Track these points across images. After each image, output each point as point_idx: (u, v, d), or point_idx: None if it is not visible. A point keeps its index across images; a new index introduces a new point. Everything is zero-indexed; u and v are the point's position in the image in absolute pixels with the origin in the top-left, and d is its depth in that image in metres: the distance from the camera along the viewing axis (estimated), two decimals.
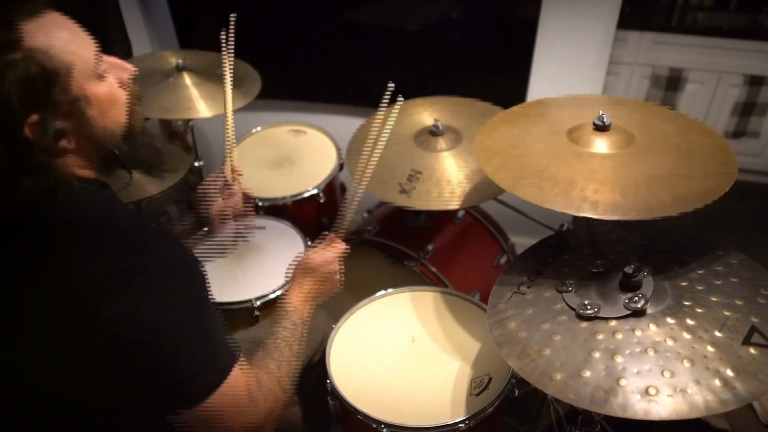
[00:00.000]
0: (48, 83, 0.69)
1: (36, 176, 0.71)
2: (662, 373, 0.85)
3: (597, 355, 0.90)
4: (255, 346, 0.96)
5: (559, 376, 0.88)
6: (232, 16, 1.34)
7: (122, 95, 0.82)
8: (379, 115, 1.27)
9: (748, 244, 2.52)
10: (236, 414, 0.82)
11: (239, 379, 0.82)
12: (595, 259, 1.09)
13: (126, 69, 0.82)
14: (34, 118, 0.69)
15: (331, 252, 1.11)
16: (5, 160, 0.68)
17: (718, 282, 0.99)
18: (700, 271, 1.02)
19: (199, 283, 0.81)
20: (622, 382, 0.85)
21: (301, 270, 1.09)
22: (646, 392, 0.83)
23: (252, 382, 0.85)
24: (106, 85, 0.78)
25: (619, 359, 0.88)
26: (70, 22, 0.76)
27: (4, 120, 0.67)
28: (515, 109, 1.36)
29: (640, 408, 0.82)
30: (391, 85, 1.24)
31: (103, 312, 0.71)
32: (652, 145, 1.12)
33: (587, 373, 0.87)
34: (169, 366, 0.76)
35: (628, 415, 0.81)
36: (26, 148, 0.69)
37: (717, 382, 0.82)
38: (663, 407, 0.81)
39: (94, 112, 0.76)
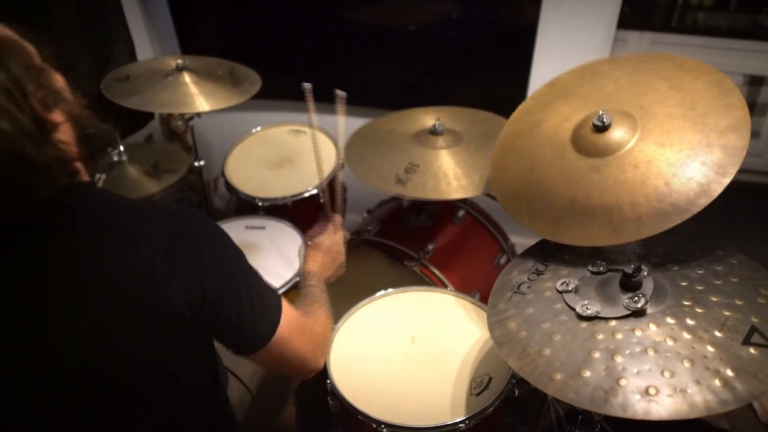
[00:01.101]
0: (28, 56, 0.71)
1: (54, 149, 0.71)
2: (662, 373, 0.85)
3: (597, 355, 0.90)
4: None
5: (559, 376, 0.88)
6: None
7: None
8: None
9: (748, 244, 2.52)
10: (302, 335, 0.94)
11: (290, 308, 0.93)
12: (595, 259, 1.09)
13: None
14: (32, 88, 0.69)
15: (338, 234, 1.31)
16: (33, 132, 0.68)
17: (718, 282, 0.99)
18: (700, 271, 1.02)
19: (230, 238, 0.88)
20: (622, 382, 0.85)
21: (314, 249, 1.27)
22: (646, 392, 0.83)
23: (302, 310, 1.01)
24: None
25: (619, 359, 0.88)
26: None
27: (21, 95, 0.67)
28: (507, 130, 1.30)
29: (640, 408, 0.82)
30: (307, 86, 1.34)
31: (167, 291, 0.75)
32: (656, 122, 1.08)
33: (587, 373, 0.87)
34: (238, 322, 0.84)
35: (628, 415, 0.81)
36: (38, 116, 0.70)
37: (717, 382, 0.82)
38: (663, 407, 0.81)
39: (58, 84, 0.77)
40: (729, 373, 0.83)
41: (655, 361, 0.86)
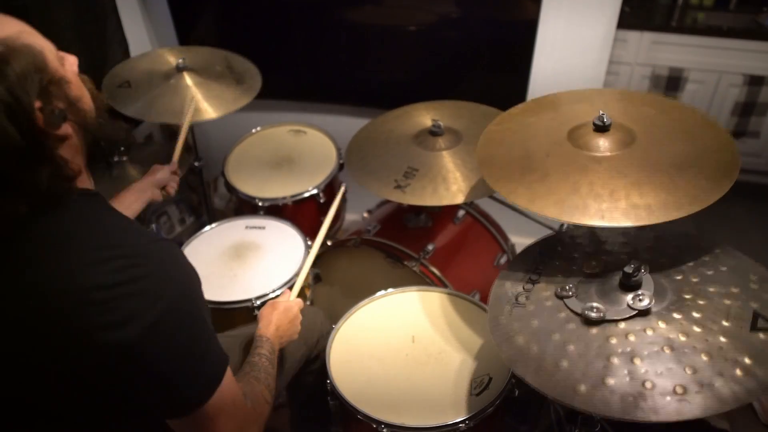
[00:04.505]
0: (37, 67, 0.68)
1: (52, 167, 0.69)
2: (684, 370, 0.83)
3: (616, 360, 0.88)
4: (250, 340, 1.07)
5: (583, 388, 0.85)
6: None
7: (79, 79, 0.80)
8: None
9: (748, 243, 2.52)
10: (233, 414, 0.83)
11: (231, 381, 0.84)
12: (588, 261, 1.07)
13: (70, 55, 0.80)
14: (39, 104, 0.67)
15: (295, 306, 1.21)
16: (26, 149, 0.65)
17: (709, 272, 0.99)
18: (690, 263, 1.02)
19: (195, 290, 0.80)
20: (648, 384, 0.83)
21: (272, 310, 1.18)
22: (674, 392, 0.81)
23: (242, 385, 0.91)
24: (69, 66, 0.77)
25: (638, 362, 0.86)
26: (6, 15, 0.73)
27: (19, 110, 0.64)
28: (490, 130, 1.29)
29: (673, 409, 0.80)
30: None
31: (100, 322, 0.69)
32: (653, 143, 1.10)
33: (611, 381, 0.85)
34: (167, 375, 0.75)
35: (662, 418, 0.79)
36: (41, 137, 0.68)
37: (738, 372, 0.81)
38: (695, 405, 0.79)
39: (75, 93, 0.75)
40: (747, 360, 0.82)
41: (675, 359, 0.85)
